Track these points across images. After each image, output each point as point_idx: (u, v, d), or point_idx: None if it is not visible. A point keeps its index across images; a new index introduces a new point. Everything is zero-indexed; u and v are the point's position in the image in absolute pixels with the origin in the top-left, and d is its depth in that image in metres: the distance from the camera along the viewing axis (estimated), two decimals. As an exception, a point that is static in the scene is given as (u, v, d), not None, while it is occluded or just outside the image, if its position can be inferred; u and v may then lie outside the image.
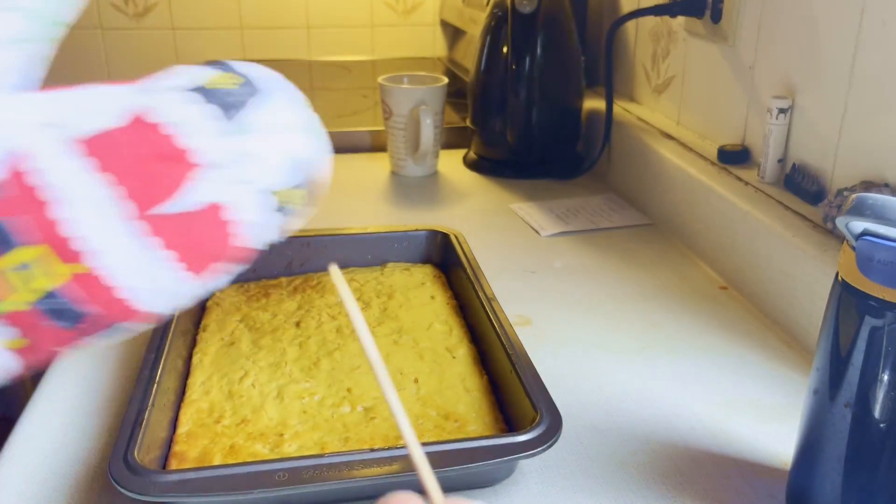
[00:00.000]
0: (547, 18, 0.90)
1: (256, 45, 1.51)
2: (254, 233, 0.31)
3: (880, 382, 0.37)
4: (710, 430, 0.51)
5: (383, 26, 1.55)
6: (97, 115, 0.28)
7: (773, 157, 0.68)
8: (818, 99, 0.64)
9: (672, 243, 0.78)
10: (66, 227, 0.27)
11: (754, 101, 0.72)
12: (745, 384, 0.55)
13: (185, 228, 0.29)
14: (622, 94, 0.98)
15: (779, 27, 0.68)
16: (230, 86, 0.31)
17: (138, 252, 0.28)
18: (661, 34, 0.88)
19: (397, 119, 0.92)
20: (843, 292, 0.38)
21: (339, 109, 1.20)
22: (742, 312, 0.65)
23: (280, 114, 0.32)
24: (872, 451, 0.38)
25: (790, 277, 0.61)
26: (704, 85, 0.81)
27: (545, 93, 0.92)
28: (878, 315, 0.36)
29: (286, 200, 0.31)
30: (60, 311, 0.28)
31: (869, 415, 0.38)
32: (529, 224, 0.82)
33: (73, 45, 1.48)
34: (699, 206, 0.74)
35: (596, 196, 0.90)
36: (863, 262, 0.36)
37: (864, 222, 0.36)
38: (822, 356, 0.40)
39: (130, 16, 1.48)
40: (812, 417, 0.41)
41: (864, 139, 0.59)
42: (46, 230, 0.27)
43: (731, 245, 0.69)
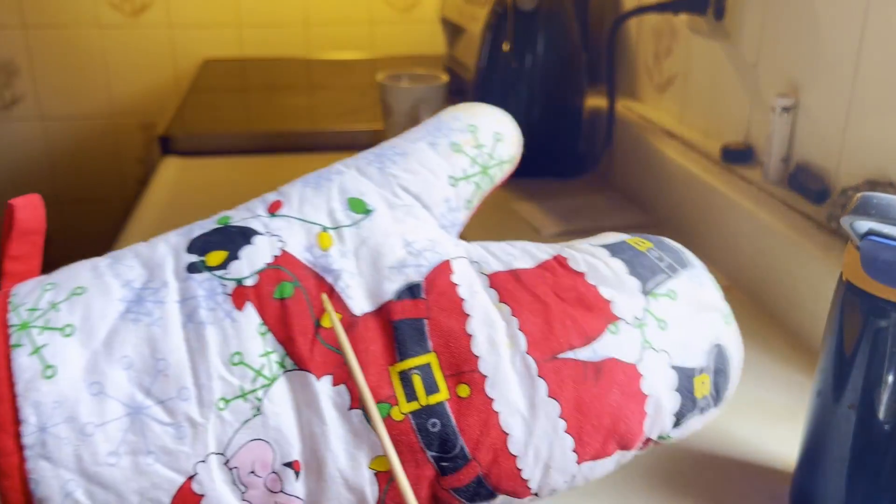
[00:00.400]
0: (548, 16, 0.89)
1: (254, 42, 1.51)
2: (653, 411, 0.28)
3: (885, 384, 0.37)
4: (713, 431, 0.50)
5: (382, 24, 1.55)
6: (513, 257, 0.29)
7: (777, 156, 0.67)
8: (822, 97, 0.63)
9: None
10: (462, 342, 0.27)
11: (758, 100, 0.72)
12: (748, 385, 0.55)
13: (583, 382, 0.27)
14: (624, 92, 0.98)
15: (782, 24, 0.68)
16: (643, 248, 0.31)
17: (519, 386, 0.27)
18: (664, 32, 0.88)
19: (397, 118, 0.92)
20: (848, 292, 0.37)
21: (339, 108, 1.20)
22: (745, 312, 0.65)
23: (702, 291, 0.31)
24: (877, 452, 0.38)
25: (794, 277, 0.61)
26: (707, 83, 0.80)
27: (546, 91, 0.92)
28: (883, 315, 0.36)
29: (693, 386, 0.29)
30: (430, 432, 0.26)
31: (873, 416, 0.37)
32: (530, 223, 0.82)
33: (71, 43, 1.48)
34: (702, 205, 0.74)
35: (597, 195, 0.90)
36: (867, 262, 0.35)
37: (869, 222, 0.35)
38: (825, 357, 0.39)
39: (127, 14, 1.47)
40: (816, 419, 0.40)
41: (869, 138, 0.58)
42: (443, 337, 0.27)
43: (734, 244, 0.69)
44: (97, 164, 1.56)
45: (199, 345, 0.25)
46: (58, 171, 1.56)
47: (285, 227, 0.28)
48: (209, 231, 0.29)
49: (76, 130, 1.53)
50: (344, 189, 0.29)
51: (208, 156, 1.02)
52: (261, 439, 0.25)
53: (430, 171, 0.30)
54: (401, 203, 0.29)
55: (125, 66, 1.50)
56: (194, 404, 0.25)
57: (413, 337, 0.27)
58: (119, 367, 0.25)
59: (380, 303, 0.27)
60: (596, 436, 0.28)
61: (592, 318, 0.28)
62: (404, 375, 0.26)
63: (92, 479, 0.24)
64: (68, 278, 0.27)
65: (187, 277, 0.27)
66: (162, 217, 0.82)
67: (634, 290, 0.29)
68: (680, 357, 0.29)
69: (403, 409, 0.26)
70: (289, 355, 0.26)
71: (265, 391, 0.26)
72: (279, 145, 1.05)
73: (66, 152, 1.55)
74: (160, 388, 0.25)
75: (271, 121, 1.14)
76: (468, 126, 0.33)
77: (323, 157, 1.04)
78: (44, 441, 0.24)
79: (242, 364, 0.26)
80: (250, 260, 0.27)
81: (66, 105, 1.51)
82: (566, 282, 0.29)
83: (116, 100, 1.52)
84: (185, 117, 1.14)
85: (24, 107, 1.51)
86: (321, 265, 0.28)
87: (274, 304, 0.26)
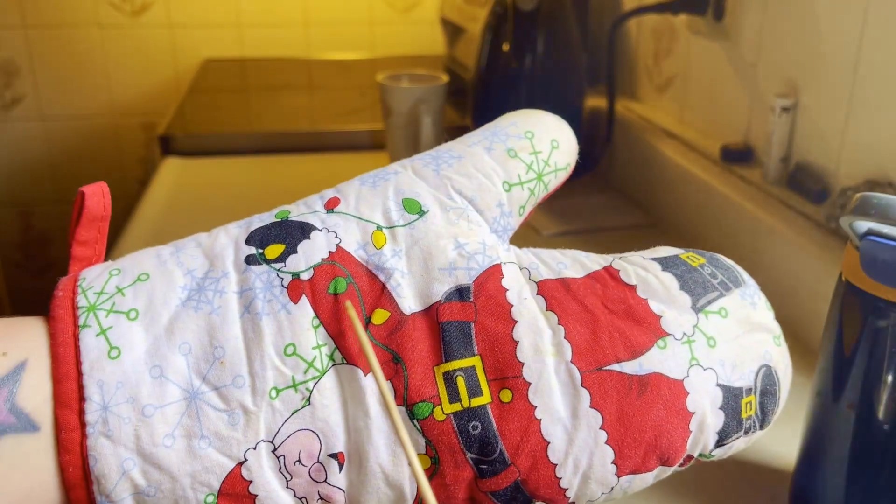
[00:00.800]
0: (548, 16, 0.90)
1: (254, 43, 1.51)
2: (698, 430, 0.28)
3: (884, 384, 0.37)
4: (712, 431, 0.50)
5: (382, 24, 1.55)
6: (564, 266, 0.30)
7: (777, 156, 0.67)
8: (822, 97, 0.63)
9: (674, 243, 0.77)
10: (508, 347, 0.27)
11: (757, 100, 0.72)
12: (747, 385, 0.55)
13: (627, 396, 0.27)
14: (624, 93, 0.98)
15: (782, 25, 0.68)
16: (696, 264, 0.31)
17: (562, 395, 0.27)
18: (664, 32, 0.88)
19: (397, 118, 0.92)
20: (847, 292, 0.37)
21: (338, 108, 1.20)
22: (744, 312, 0.65)
23: (753, 310, 0.30)
24: (876, 452, 0.38)
25: (793, 277, 0.61)
26: (707, 83, 0.80)
27: (546, 91, 0.92)
28: (882, 316, 0.36)
29: (739, 406, 0.29)
30: (471, 434, 0.26)
31: (872, 416, 0.37)
32: (530, 223, 0.82)
33: (71, 43, 1.48)
34: (701, 206, 0.74)
35: (597, 195, 0.90)
36: (867, 262, 0.35)
37: (869, 222, 0.35)
38: (825, 357, 0.39)
39: (127, 14, 1.47)
40: (815, 419, 0.40)
41: (869, 138, 0.58)
42: (489, 341, 0.27)
43: (734, 245, 0.69)
44: (97, 164, 1.56)
45: (255, 335, 0.26)
46: (58, 171, 1.56)
47: (342, 223, 0.29)
48: (268, 224, 0.29)
49: (76, 130, 1.53)
50: (399, 189, 0.30)
51: (208, 156, 1.02)
52: (308, 429, 0.26)
53: (485, 176, 0.30)
54: (454, 206, 0.29)
55: (125, 66, 1.50)
56: (248, 392, 0.25)
57: (459, 339, 0.27)
58: (179, 352, 0.26)
59: (429, 303, 0.27)
60: (637, 449, 0.27)
61: (640, 332, 0.28)
62: (448, 376, 0.27)
63: (148, 459, 0.25)
64: (133, 265, 0.28)
65: (246, 269, 0.27)
66: (163, 217, 0.82)
67: (685, 306, 0.29)
68: (727, 376, 0.28)
69: (446, 410, 0.26)
70: (339, 349, 0.26)
71: (315, 383, 0.26)
72: (279, 145, 1.05)
73: (66, 152, 1.55)
74: (216, 374, 0.25)
75: (271, 121, 1.15)
76: (525, 132, 0.33)
77: (323, 157, 1.04)
78: (105, 419, 0.24)
79: (296, 355, 0.26)
80: (307, 254, 0.28)
81: (66, 105, 1.51)
82: (616, 294, 0.29)
83: (117, 100, 1.52)
84: (186, 117, 1.14)
85: (25, 107, 1.51)
86: (374, 263, 0.28)
87: (328, 299, 0.27)
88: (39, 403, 0.24)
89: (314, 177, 0.96)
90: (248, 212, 0.33)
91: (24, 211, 1.57)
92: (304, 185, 0.93)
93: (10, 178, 1.55)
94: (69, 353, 0.25)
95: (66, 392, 0.25)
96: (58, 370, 0.25)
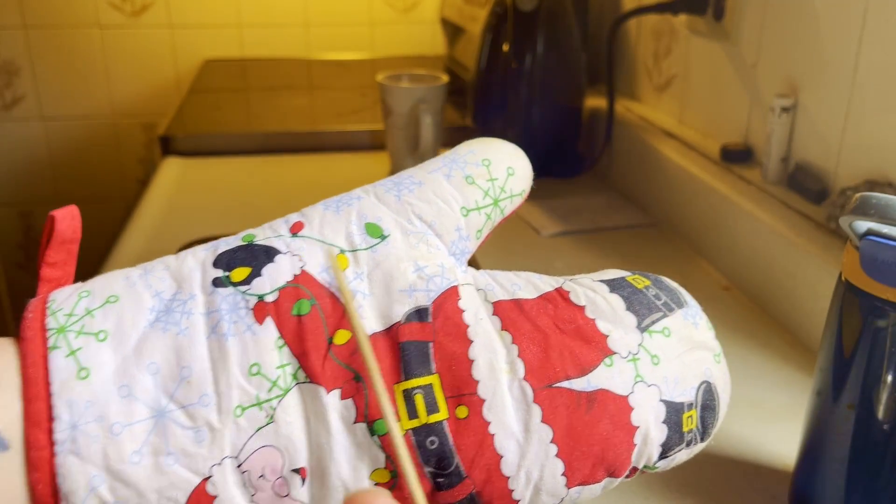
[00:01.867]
0: (548, 16, 0.90)
1: (255, 43, 1.51)
2: (642, 443, 0.30)
3: (884, 384, 0.37)
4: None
5: (382, 24, 1.54)
6: (518, 287, 0.31)
7: (776, 156, 0.67)
8: (821, 97, 0.63)
9: (674, 243, 0.78)
10: (464, 365, 0.28)
11: (757, 100, 0.72)
12: (747, 385, 0.55)
13: (576, 411, 0.29)
14: (624, 93, 0.98)
15: (782, 25, 0.68)
16: (643, 286, 0.32)
17: (515, 411, 0.28)
18: (663, 32, 0.88)
19: (397, 118, 0.92)
20: (847, 293, 0.37)
21: (339, 108, 1.20)
22: (744, 313, 0.65)
23: (695, 330, 0.32)
24: (876, 452, 0.38)
25: (793, 277, 0.61)
26: (707, 83, 0.80)
27: (546, 91, 0.92)
28: (882, 316, 0.36)
29: (681, 420, 0.30)
30: (428, 449, 0.28)
31: (872, 416, 0.37)
32: (530, 223, 0.82)
33: (71, 43, 1.48)
34: (701, 206, 0.74)
35: (597, 195, 0.90)
36: (867, 262, 0.35)
37: (868, 222, 0.35)
38: (825, 357, 0.39)
39: (128, 14, 1.47)
40: (815, 419, 0.40)
41: (868, 138, 0.58)
42: (447, 360, 0.28)
43: (734, 245, 0.69)
44: (98, 164, 1.56)
45: (221, 355, 0.27)
46: (58, 171, 1.56)
47: (306, 247, 0.30)
48: (235, 248, 0.30)
49: (77, 130, 1.53)
50: (362, 214, 0.31)
51: (209, 156, 1.02)
52: (272, 446, 0.27)
53: (444, 202, 0.32)
54: (415, 230, 0.31)
55: (126, 67, 1.50)
56: (214, 410, 0.26)
57: (418, 358, 0.28)
58: (147, 372, 0.26)
59: (389, 324, 0.29)
60: (585, 462, 0.29)
61: (589, 351, 0.29)
62: (407, 394, 0.28)
63: (116, 475, 0.25)
64: (103, 287, 0.29)
65: (213, 291, 0.28)
66: (163, 217, 0.82)
67: (631, 326, 0.30)
68: (670, 392, 0.30)
69: (405, 426, 0.28)
70: (302, 369, 0.27)
71: (279, 401, 0.27)
72: (279, 145, 1.05)
73: (66, 152, 1.55)
74: (183, 393, 0.26)
75: (271, 121, 1.14)
76: (483, 160, 0.34)
77: (323, 157, 1.04)
78: (74, 437, 0.25)
79: (260, 375, 0.27)
80: (272, 277, 0.29)
81: (66, 105, 1.51)
82: (566, 314, 0.30)
83: (117, 100, 1.52)
84: (186, 117, 1.14)
85: (25, 107, 1.51)
86: (337, 286, 0.29)
87: (291, 320, 0.28)
88: (10, 422, 0.25)
89: (314, 177, 0.96)
90: (248, 212, 0.34)
91: (24, 211, 1.57)
92: (304, 185, 0.93)
93: (10, 178, 1.55)
94: (39, 373, 0.26)
95: (35, 411, 0.25)
96: (28, 390, 0.25)
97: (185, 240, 0.64)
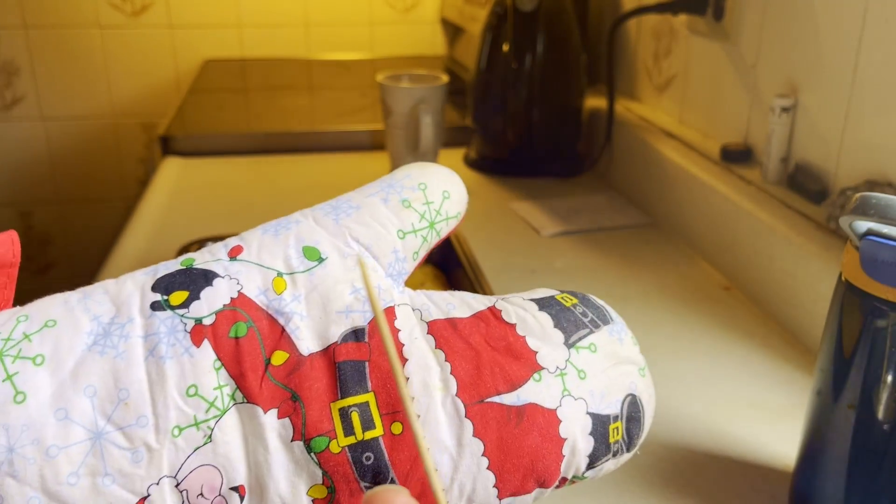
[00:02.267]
0: (548, 16, 0.90)
1: (255, 43, 1.51)
2: (569, 453, 0.31)
3: (884, 384, 0.37)
4: (713, 431, 0.50)
5: (383, 24, 1.54)
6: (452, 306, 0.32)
7: (776, 156, 0.67)
8: (821, 97, 0.63)
9: (674, 243, 0.78)
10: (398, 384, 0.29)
11: (757, 100, 0.72)
12: (747, 385, 0.55)
13: (506, 425, 0.30)
14: (624, 93, 0.98)
15: (781, 25, 0.68)
16: (571, 304, 0.33)
17: (448, 426, 0.29)
18: (663, 32, 0.88)
19: (397, 118, 0.92)
20: (847, 293, 0.37)
21: (339, 108, 1.20)
22: (744, 313, 0.65)
23: (620, 346, 0.33)
24: (876, 452, 0.38)
25: (793, 277, 0.61)
26: (707, 83, 0.80)
27: (546, 91, 0.92)
28: (882, 316, 0.36)
29: (608, 432, 0.32)
30: (364, 465, 0.28)
31: (872, 416, 0.37)
32: (530, 223, 0.82)
33: (71, 43, 1.48)
34: (701, 206, 0.74)
35: (597, 195, 0.90)
36: (866, 262, 0.35)
37: (868, 222, 0.35)
38: (825, 357, 0.39)
39: (128, 14, 1.47)
40: (815, 419, 0.40)
41: (868, 138, 0.58)
42: (382, 378, 0.29)
43: (734, 245, 0.69)
44: (98, 164, 1.56)
45: (159, 377, 0.28)
46: (58, 171, 1.56)
47: (244, 270, 0.31)
48: (174, 272, 0.31)
49: (77, 130, 1.53)
50: (300, 238, 0.32)
51: (208, 156, 1.02)
52: (210, 465, 0.28)
53: (381, 225, 0.33)
54: (352, 252, 0.32)
55: (126, 67, 1.50)
56: (151, 431, 0.27)
57: (354, 377, 0.29)
58: (84, 395, 0.27)
59: (326, 344, 0.30)
60: (516, 474, 0.30)
61: (519, 367, 0.31)
62: (344, 412, 0.29)
63: (53, 496, 0.26)
64: (41, 311, 0.29)
65: (151, 315, 0.29)
66: (163, 217, 0.82)
67: (559, 342, 0.32)
68: (596, 405, 0.31)
69: (341, 443, 0.28)
70: (240, 389, 0.28)
71: (216, 421, 0.28)
72: (279, 145, 1.05)
73: (66, 152, 1.55)
74: (121, 415, 0.27)
75: (271, 121, 1.15)
76: (419, 184, 0.35)
77: (323, 157, 1.04)
78: (11, 460, 0.26)
79: (197, 396, 0.28)
80: (209, 300, 0.29)
81: (66, 105, 1.51)
82: (497, 332, 0.32)
83: (117, 100, 1.52)
84: (186, 117, 1.14)
85: (25, 107, 1.51)
86: (274, 307, 0.30)
87: (229, 343, 0.29)
88: None
89: (314, 177, 0.96)
90: (248, 212, 0.34)
91: (24, 211, 1.57)
92: (304, 185, 0.93)
93: (10, 178, 1.55)
94: None
95: None
96: None
97: (185, 240, 0.64)
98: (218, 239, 0.55)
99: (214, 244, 0.33)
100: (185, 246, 0.62)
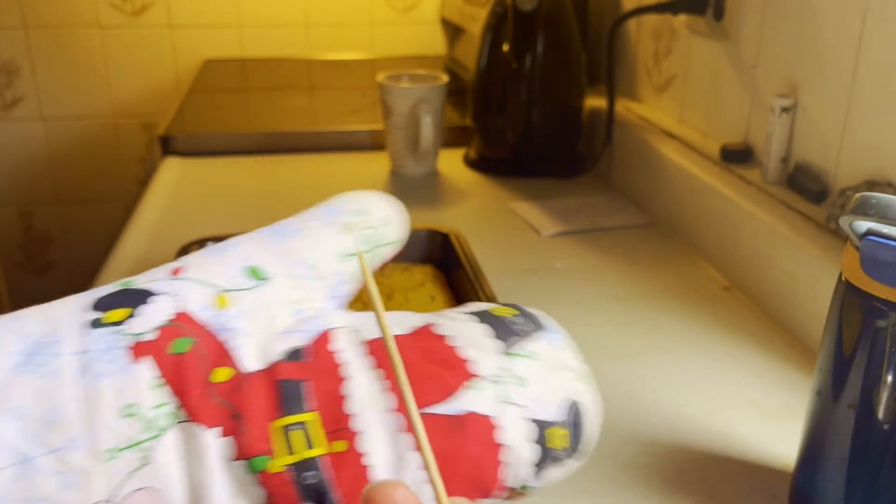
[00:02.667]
0: (548, 16, 0.90)
1: (255, 43, 1.51)
2: (511, 461, 0.30)
3: (884, 384, 0.37)
4: (713, 431, 0.50)
5: (383, 24, 1.54)
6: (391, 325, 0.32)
7: (776, 157, 0.67)
8: (821, 97, 0.63)
9: (674, 243, 0.78)
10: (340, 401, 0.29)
11: (757, 100, 0.72)
12: (747, 385, 0.55)
13: (443, 434, 0.30)
14: (624, 93, 0.98)
15: (781, 25, 0.68)
16: (509, 315, 0.34)
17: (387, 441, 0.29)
18: (663, 32, 0.88)
19: (397, 118, 0.92)
20: (847, 293, 0.37)
21: (339, 108, 1.20)
22: (744, 313, 0.65)
23: (558, 352, 0.33)
24: (876, 452, 0.38)
25: (793, 277, 0.61)
26: (706, 83, 0.80)
27: (546, 91, 0.92)
28: (882, 316, 0.36)
29: (550, 438, 0.32)
30: (307, 484, 0.28)
31: (872, 416, 0.37)
32: (530, 223, 0.82)
33: (71, 43, 1.48)
34: (701, 206, 0.74)
35: (597, 195, 0.90)
36: (867, 262, 0.35)
37: (868, 222, 0.35)
38: (825, 357, 0.39)
39: (127, 14, 1.47)
40: (815, 419, 0.40)
41: (868, 138, 0.58)
42: (323, 397, 0.29)
43: (734, 245, 0.69)
44: (98, 164, 1.56)
45: (94, 396, 0.26)
46: (59, 171, 1.56)
47: (186, 287, 0.30)
48: (112, 292, 0.30)
49: (77, 130, 1.53)
50: (244, 258, 0.32)
51: (208, 156, 1.02)
52: (149, 487, 0.27)
53: (323, 248, 0.33)
54: (295, 274, 0.32)
55: (126, 66, 1.50)
56: (84, 454, 0.26)
57: (295, 396, 0.29)
58: (10, 417, 0.26)
59: (268, 363, 0.30)
60: (457, 483, 0.30)
61: (453, 377, 0.31)
62: (285, 431, 0.29)
63: None
64: None
65: (87, 332, 0.28)
66: (163, 217, 0.82)
67: (497, 351, 0.32)
68: (536, 411, 0.31)
69: (282, 462, 0.28)
70: (182, 407, 0.28)
71: (156, 441, 0.27)
72: (279, 145, 1.05)
73: (66, 152, 1.55)
74: (51, 438, 0.26)
75: (271, 121, 1.14)
76: (361, 209, 0.36)
77: (323, 157, 1.04)
78: None
79: (135, 415, 0.27)
80: (149, 317, 0.29)
81: (66, 105, 1.51)
82: (433, 345, 0.32)
83: (117, 100, 1.52)
84: (186, 117, 1.14)
85: (25, 107, 1.51)
86: (217, 324, 0.30)
87: (170, 359, 0.28)
88: None
89: (314, 177, 0.96)
90: (248, 212, 0.34)
91: (24, 211, 1.57)
92: (304, 185, 0.93)
93: (10, 178, 1.55)
94: None
95: None
96: None
97: (185, 240, 0.64)
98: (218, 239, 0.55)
99: (156, 268, 0.32)
100: (185, 246, 0.62)
